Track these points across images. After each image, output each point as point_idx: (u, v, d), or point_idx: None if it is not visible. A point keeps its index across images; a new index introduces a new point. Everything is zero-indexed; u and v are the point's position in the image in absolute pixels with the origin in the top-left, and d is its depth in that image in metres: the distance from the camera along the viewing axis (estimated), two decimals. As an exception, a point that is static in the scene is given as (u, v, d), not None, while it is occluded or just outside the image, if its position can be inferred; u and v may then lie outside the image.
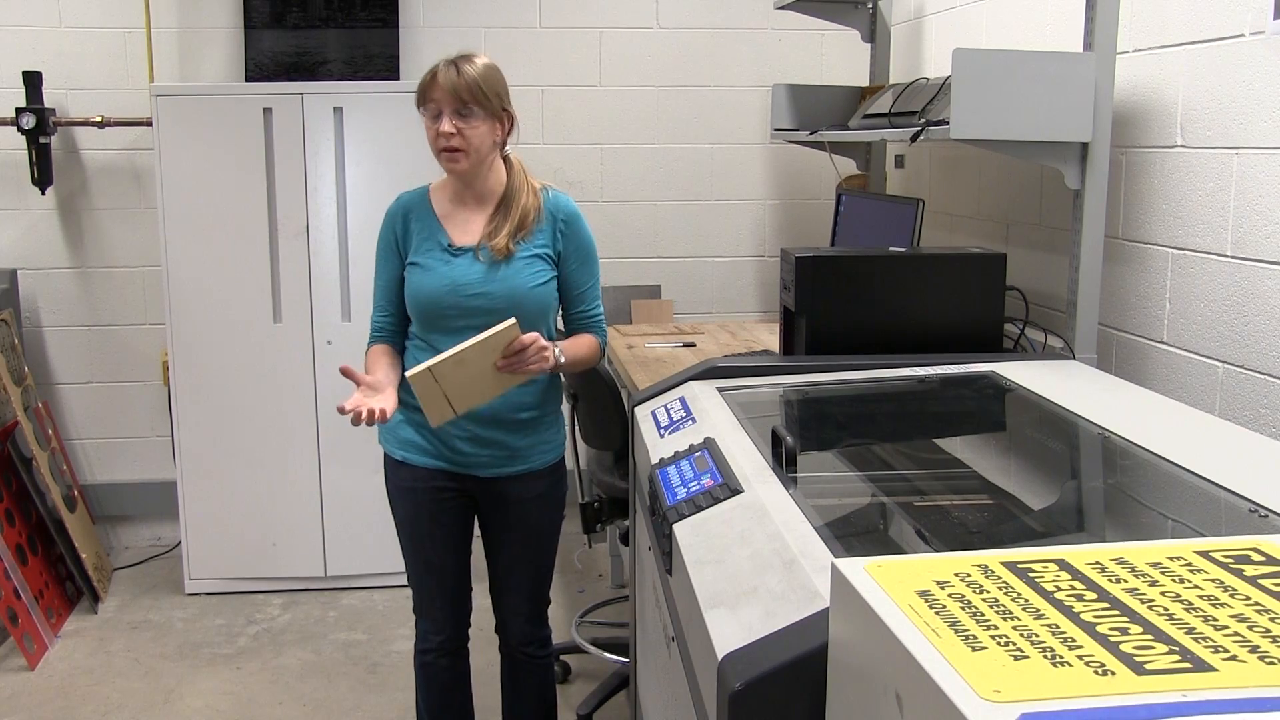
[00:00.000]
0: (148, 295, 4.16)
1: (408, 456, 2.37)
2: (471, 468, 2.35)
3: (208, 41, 4.08)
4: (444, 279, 2.28)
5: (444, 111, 2.21)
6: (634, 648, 2.37)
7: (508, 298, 2.28)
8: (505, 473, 2.37)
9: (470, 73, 2.21)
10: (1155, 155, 2.47)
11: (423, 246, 2.32)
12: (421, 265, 2.31)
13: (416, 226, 2.34)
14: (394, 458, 2.40)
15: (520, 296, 2.29)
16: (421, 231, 2.33)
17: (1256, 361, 2.16)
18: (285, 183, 3.70)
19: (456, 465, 2.35)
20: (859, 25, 3.85)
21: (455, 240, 2.31)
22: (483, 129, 2.24)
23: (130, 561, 4.16)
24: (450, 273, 2.28)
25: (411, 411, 2.31)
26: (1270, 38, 2.12)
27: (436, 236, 2.32)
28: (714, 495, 1.57)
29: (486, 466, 2.35)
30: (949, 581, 0.97)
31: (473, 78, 2.21)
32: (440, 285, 2.28)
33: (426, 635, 2.46)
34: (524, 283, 2.30)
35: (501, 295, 2.28)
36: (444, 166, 2.29)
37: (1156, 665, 0.81)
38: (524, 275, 2.30)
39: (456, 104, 2.21)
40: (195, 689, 3.24)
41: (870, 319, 2.41)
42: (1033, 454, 1.96)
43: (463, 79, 2.20)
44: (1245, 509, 1.41)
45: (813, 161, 4.23)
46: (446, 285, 2.28)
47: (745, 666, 1.12)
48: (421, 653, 2.48)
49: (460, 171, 2.28)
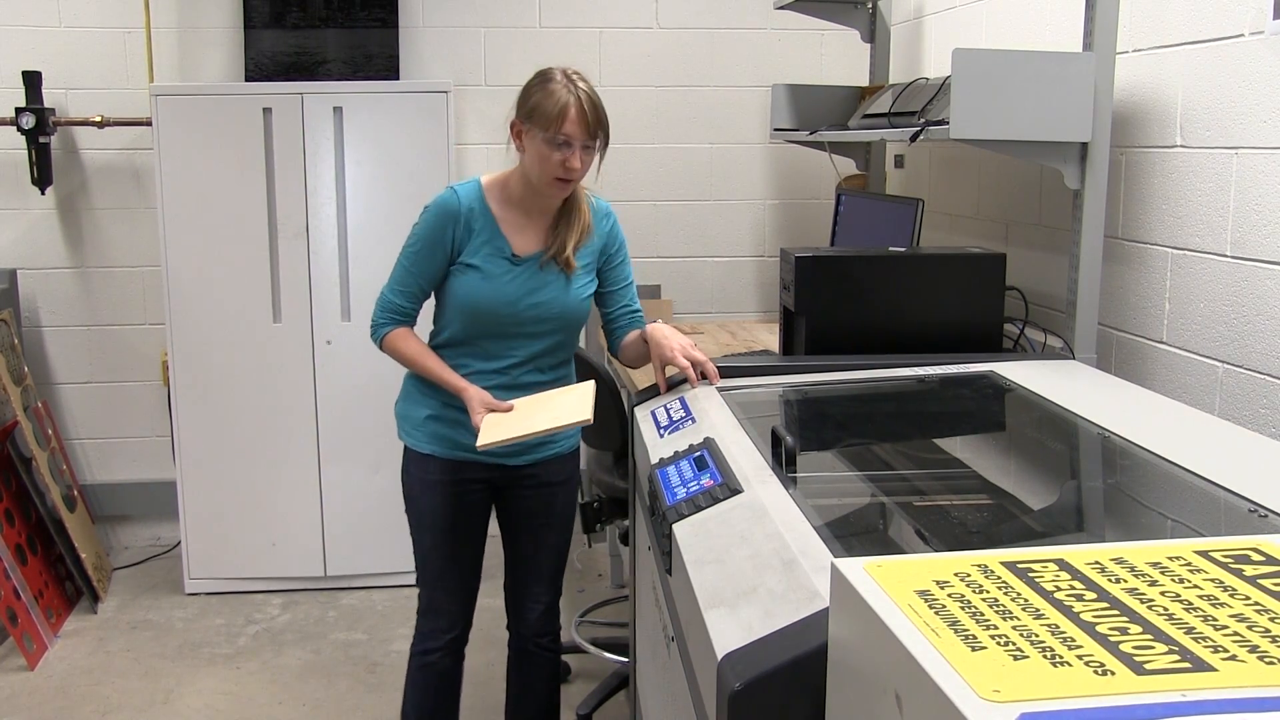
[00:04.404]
0: (148, 295, 4.16)
1: (437, 450, 2.35)
2: (503, 457, 2.35)
3: (208, 41, 4.08)
4: (506, 289, 2.26)
5: (575, 144, 2.16)
6: (634, 648, 2.37)
7: (562, 309, 2.30)
8: (536, 458, 2.39)
9: (598, 101, 2.17)
10: (1155, 155, 2.47)
11: (482, 250, 2.26)
12: (482, 271, 2.26)
13: (479, 226, 2.27)
14: (421, 451, 2.37)
15: (573, 309, 2.32)
16: (482, 234, 2.27)
17: (1256, 361, 2.16)
18: (285, 183, 3.70)
19: (488, 455, 2.32)
20: (859, 25, 3.85)
21: (517, 249, 2.27)
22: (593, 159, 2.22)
23: (130, 561, 4.16)
24: (513, 284, 2.26)
25: (442, 406, 2.32)
26: (1270, 38, 2.12)
27: (496, 242, 2.27)
28: (714, 495, 1.57)
29: (518, 454, 2.37)
30: (949, 581, 0.97)
31: (601, 107, 2.17)
32: (503, 296, 2.25)
33: (435, 633, 2.43)
34: (577, 294, 2.32)
35: (557, 307, 2.29)
36: (548, 192, 2.23)
37: (1156, 665, 0.81)
38: (578, 287, 2.32)
39: (588, 138, 2.17)
40: (195, 689, 3.24)
41: (870, 319, 2.41)
42: (1032, 454, 1.96)
43: (595, 111, 2.16)
44: (1245, 509, 1.41)
45: (812, 161, 4.23)
46: (509, 297, 2.26)
47: (745, 666, 1.12)
48: (425, 652, 2.45)
49: (563, 197, 2.26)
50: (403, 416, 2.41)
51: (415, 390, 2.39)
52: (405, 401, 2.41)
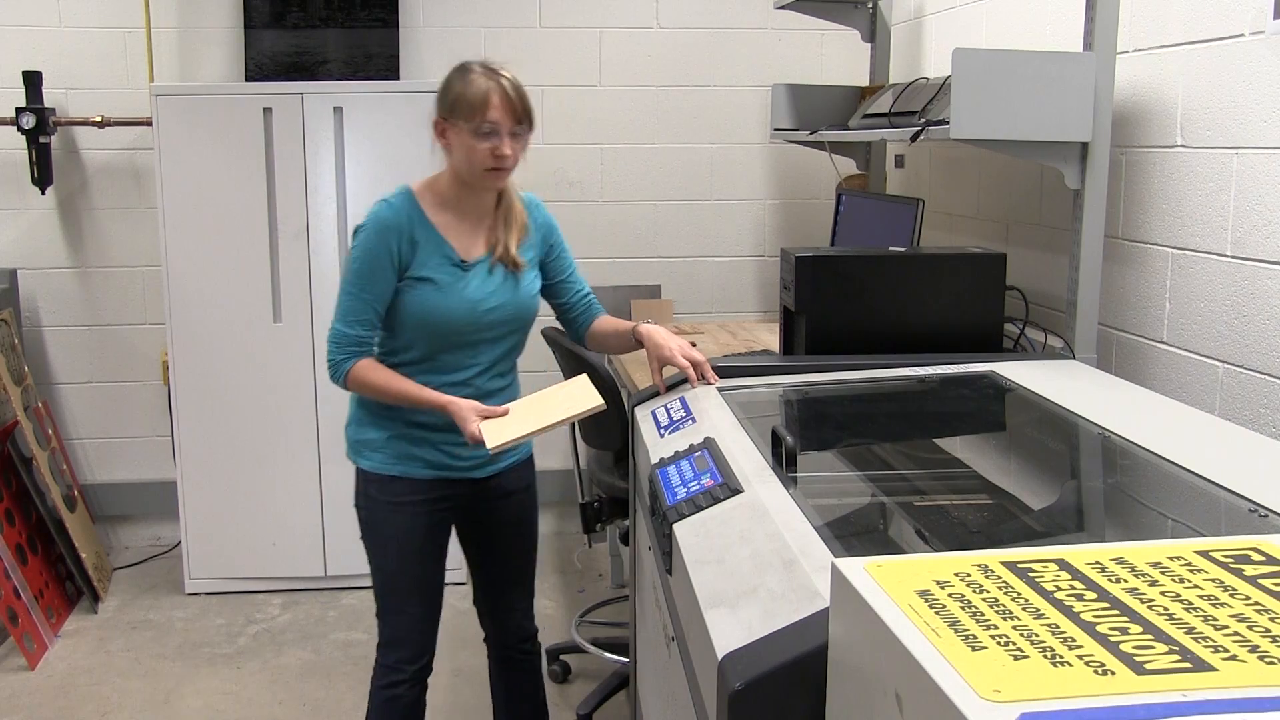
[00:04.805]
0: (148, 295, 4.16)
1: (407, 470, 2.26)
2: (468, 471, 2.31)
3: (208, 41, 4.08)
4: (463, 297, 2.18)
5: (503, 131, 2.10)
6: (634, 648, 2.37)
7: (517, 309, 2.25)
8: (500, 467, 2.35)
9: (522, 88, 2.13)
10: (1155, 155, 2.47)
11: (430, 261, 2.17)
12: (435, 282, 2.16)
13: (421, 237, 2.17)
14: (387, 474, 2.25)
15: (527, 306, 2.28)
16: (426, 244, 2.18)
17: (1256, 361, 2.16)
18: (285, 183, 3.70)
19: (454, 472, 2.29)
20: (859, 25, 3.85)
21: (463, 254, 2.20)
22: (525, 145, 2.17)
23: (130, 561, 4.16)
24: (468, 290, 2.19)
25: (404, 425, 2.24)
26: (1270, 38, 2.12)
27: (443, 250, 2.19)
28: (714, 495, 1.57)
29: (482, 466, 2.33)
30: (949, 581, 0.97)
31: (525, 93, 2.13)
32: (461, 304, 2.18)
33: (399, 665, 2.32)
34: (528, 291, 2.28)
35: (514, 308, 2.24)
36: (482, 184, 2.17)
37: (1156, 665, 0.81)
38: (528, 284, 2.28)
39: (514, 124, 2.12)
40: (195, 689, 3.24)
41: (870, 319, 2.41)
42: (1033, 454, 1.96)
43: (519, 96, 2.11)
44: (1245, 509, 1.41)
45: (813, 161, 4.23)
46: (467, 304, 2.18)
47: (745, 666, 1.12)
48: (391, 685, 2.32)
49: (500, 189, 2.21)
50: (358, 441, 2.29)
51: (370, 412, 2.27)
52: (358, 425, 2.29)
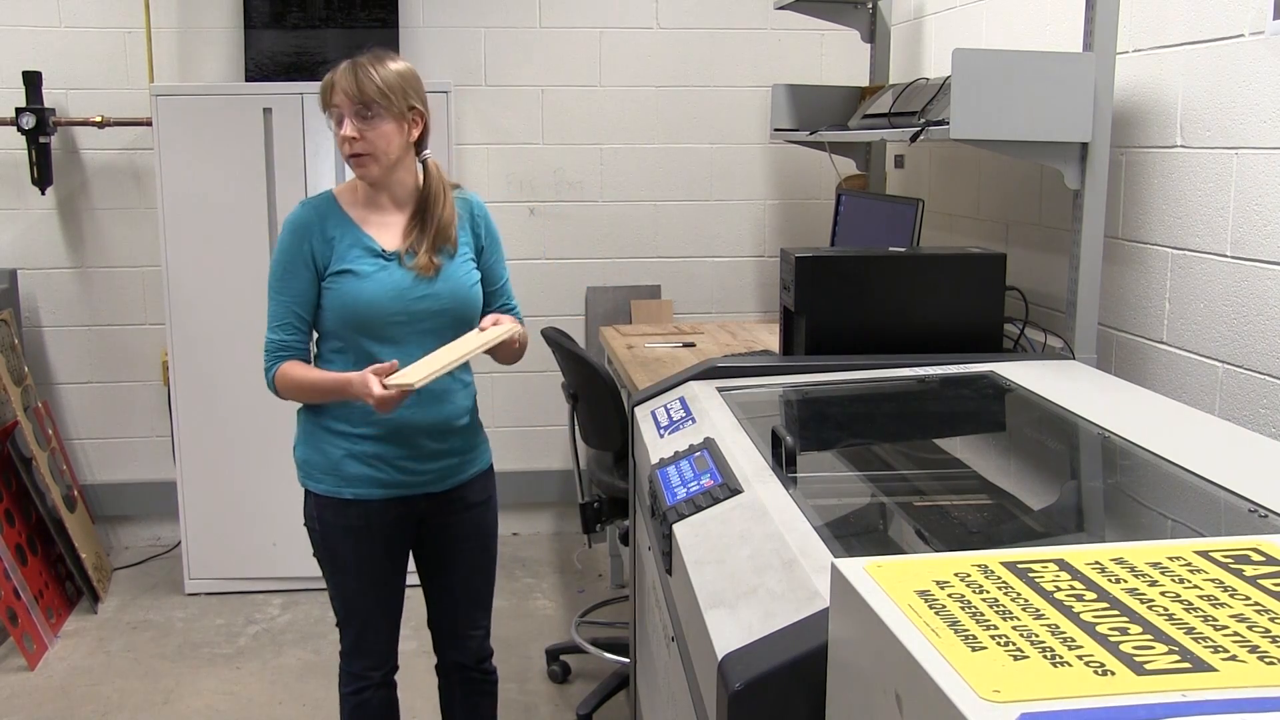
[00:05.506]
0: (148, 295, 4.16)
1: (360, 493, 2.21)
2: (426, 486, 2.26)
3: (208, 41, 4.08)
4: (386, 285, 2.16)
5: (345, 115, 2.12)
6: (634, 648, 2.37)
7: (453, 299, 2.21)
8: (457, 481, 2.31)
9: (369, 74, 2.12)
10: (1155, 155, 2.47)
11: (349, 254, 2.16)
12: (356, 273, 2.15)
13: (336, 234, 2.17)
14: (340, 498, 2.22)
15: (464, 294, 2.23)
16: (344, 239, 2.17)
17: (1256, 361, 2.16)
18: (285, 183, 3.70)
19: (411, 489, 2.24)
20: (859, 25, 3.85)
21: (386, 245, 2.19)
22: (388, 130, 2.13)
23: (130, 561, 4.16)
24: (391, 278, 2.16)
25: (354, 442, 2.20)
26: (1270, 38, 2.12)
27: (363, 242, 2.18)
28: (714, 495, 1.57)
29: (440, 480, 2.28)
30: (949, 581, 0.97)
31: (372, 78, 2.11)
32: (384, 292, 2.15)
33: (365, 673, 2.34)
34: (465, 281, 2.24)
35: (449, 298, 2.21)
36: (355, 174, 2.19)
37: (1156, 665, 0.81)
38: (464, 274, 2.25)
39: (357, 107, 2.11)
40: (195, 689, 3.24)
41: (870, 319, 2.41)
42: (1033, 454, 1.96)
43: (360, 80, 2.11)
44: (1245, 509, 1.41)
45: (813, 161, 4.23)
46: (391, 291, 2.15)
47: (745, 666, 1.12)
48: (358, 691, 2.35)
49: (372, 178, 2.18)
50: (307, 462, 2.26)
51: (318, 431, 2.23)
52: (307, 445, 2.26)
